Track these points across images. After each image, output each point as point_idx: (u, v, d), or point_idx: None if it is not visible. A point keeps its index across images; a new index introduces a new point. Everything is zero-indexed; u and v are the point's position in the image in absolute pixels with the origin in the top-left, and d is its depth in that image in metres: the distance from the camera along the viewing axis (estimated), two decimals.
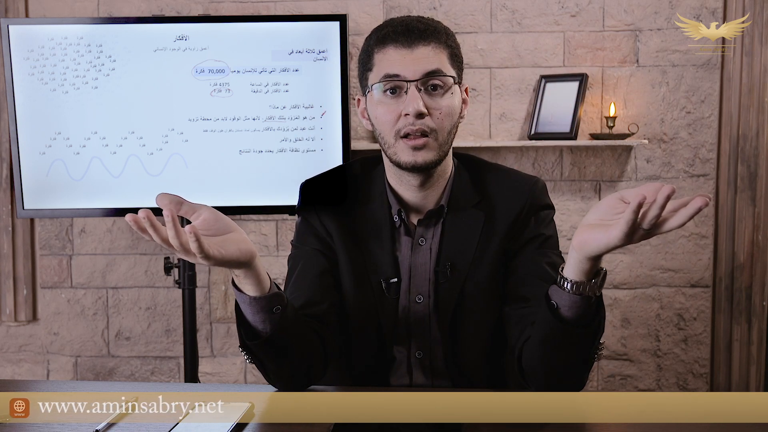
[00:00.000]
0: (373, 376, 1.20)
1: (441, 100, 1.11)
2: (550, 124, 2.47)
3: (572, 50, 2.51)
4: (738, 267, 2.52)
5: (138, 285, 2.65)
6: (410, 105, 1.09)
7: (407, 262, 1.18)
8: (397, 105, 1.11)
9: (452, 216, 1.18)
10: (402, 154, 1.13)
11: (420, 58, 1.10)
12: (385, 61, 1.12)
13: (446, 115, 1.12)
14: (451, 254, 1.16)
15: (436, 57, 1.11)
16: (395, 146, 1.13)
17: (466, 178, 1.21)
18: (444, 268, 1.16)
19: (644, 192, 0.82)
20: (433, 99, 1.11)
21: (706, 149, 2.52)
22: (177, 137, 2.22)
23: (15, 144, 2.21)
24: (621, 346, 2.59)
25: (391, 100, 1.12)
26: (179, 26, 2.20)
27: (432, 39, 1.11)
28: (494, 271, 1.16)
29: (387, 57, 1.12)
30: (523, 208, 1.17)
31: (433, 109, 1.11)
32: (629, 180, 2.54)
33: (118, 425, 0.94)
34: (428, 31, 1.12)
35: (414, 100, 1.09)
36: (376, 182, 1.22)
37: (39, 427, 0.93)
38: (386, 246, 1.18)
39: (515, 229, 1.17)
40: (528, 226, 1.17)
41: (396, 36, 1.11)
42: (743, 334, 2.53)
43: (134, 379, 2.68)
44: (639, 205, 0.81)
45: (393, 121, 1.12)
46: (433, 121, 1.11)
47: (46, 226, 2.63)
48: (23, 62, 2.19)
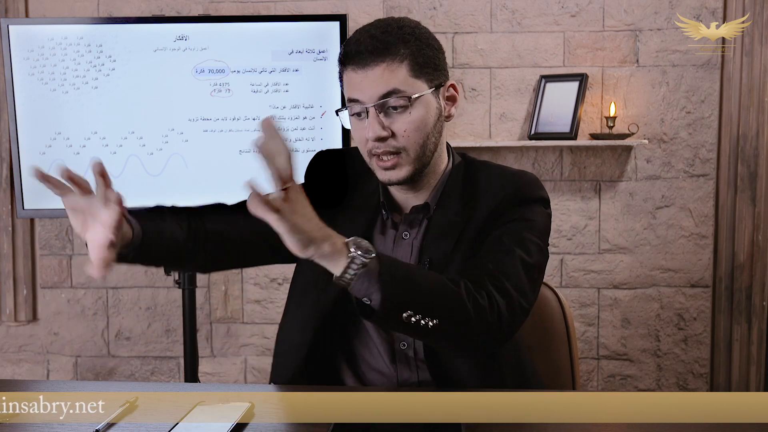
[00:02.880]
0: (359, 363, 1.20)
1: (403, 118, 1.09)
2: (550, 124, 2.47)
3: (572, 50, 2.51)
4: (738, 267, 2.52)
5: (138, 285, 2.65)
6: (369, 131, 1.09)
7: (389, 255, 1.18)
8: (363, 128, 1.11)
9: (439, 213, 1.17)
10: (377, 172, 1.14)
11: (374, 79, 1.08)
12: (347, 84, 1.12)
13: (413, 131, 1.10)
14: (431, 250, 1.15)
15: (391, 75, 1.07)
16: (371, 164, 1.14)
17: (460, 177, 1.20)
18: (423, 264, 1.15)
19: None
20: (394, 119, 1.09)
21: (706, 149, 2.52)
22: (177, 137, 2.22)
23: (15, 144, 2.21)
24: (621, 346, 2.59)
25: (358, 123, 1.12)
26: (179, 26, 2.20)
27: (385, 57, 1.07)
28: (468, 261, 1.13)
29: (348, 79, 1.11)
30: (503, 201, 1.13)
31: (397, 128, 1.09)
32: (629, 180, 2.54)
33: (118, 425, 0.94)
34: (379, 49, 1.07)
35: (372, 125, 1.08)
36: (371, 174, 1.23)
37: (39, 427, 0.93)
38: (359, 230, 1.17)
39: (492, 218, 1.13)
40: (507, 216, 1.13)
41: (352, 57, 1.09)
42: (743, 334, 2.53)
43: (134, 379, 2.68)
44: None
45: (363, 142, 1.12)
46: (399, 140, 1.10)
47: (46, 226, 2.63)
48: (23, 62, 2.19)
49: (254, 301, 2.63)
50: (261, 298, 2.63)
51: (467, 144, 2.46)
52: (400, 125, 1.09)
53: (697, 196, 2.53)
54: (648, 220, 2.55)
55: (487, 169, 1.21)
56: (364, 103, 1.09)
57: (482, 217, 1.14)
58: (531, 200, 1.15)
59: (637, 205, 2.55)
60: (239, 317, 2.63)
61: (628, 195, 2.55)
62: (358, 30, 1.12)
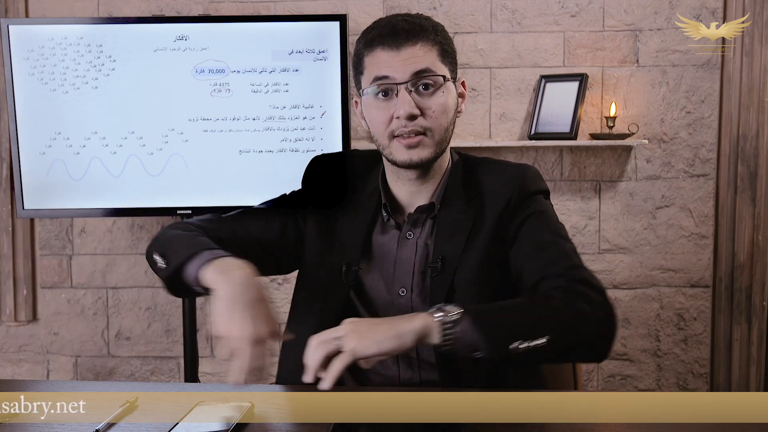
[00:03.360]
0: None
1: (433, 99, 1.11)
2: (550, 124, 2.47)
3: (572, 50, 2.51)
4: (738, 267, 2.52)
5: (138, 285, 2.65)
6: (401, 107, 1.09)
7: (392, 255, 1.18)
8: (389, 107, 1.11)
9: (444, 212, 1.18)
10: (397, 153, 1.13)
11: (408, 58, 1.10)
12: (374, 64, 1.12)
13: (440, 114, 1.12)
14: (442, 249, 1.16)
15: (424, 56, 1.11)
16: (390, 147, 1.14)
17: (460, 175, 1.21)
18: (435, 263, 1.15)
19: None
20: (424, 98, 1.11)
21: (706, 149, 2.52)
22: (177, 137, 2.22)
23: (15, 144, 2.21)
24: (621, 346, 2.59)
25: (382, 102, 1.12)
26: (179, 26, 2.20)
27: (419, 38, 1.11)
28: (484, 261, 1.14)
29: (375, 59, 1.12)
30: (512, 196, 1.15)
31: (426, 108, 1.11)
32: (629, 180, 2.54)
33: (118, 425, 0.93)
34: (414, 30, 1.11)
35: (404, 102, 1.09)
36: (373, 175, 1.24)
37: (39, 427, 0.93)
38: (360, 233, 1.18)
39: (506, 216, 1.15)
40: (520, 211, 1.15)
41: (382, 38, 1.11)
42: (743, 334, 2.53)
43: (134, 379, 2.68)
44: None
45: (386, 122, 1.12)
46: (427, 120, 1.11)
47: (46, 226, 2.63)
48: (23, 62, 2.19)
49: None
50: None
51: (467, 144, 2.46)
52: (429, 105, 1.11)
53: (697, 196, 2.53)
54: (648, 220, 2.55)
55: (487, 165, 1.22)
56: (395, 80, 1.10)
57: (492, 217, 1.15)
58: (538, 192, 1.19)
59: (637, 205, 2.55)
60: None
61: (628, 195, 2.55)
62: (382, 18, 1.16)
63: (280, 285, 2.61)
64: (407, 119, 1.10)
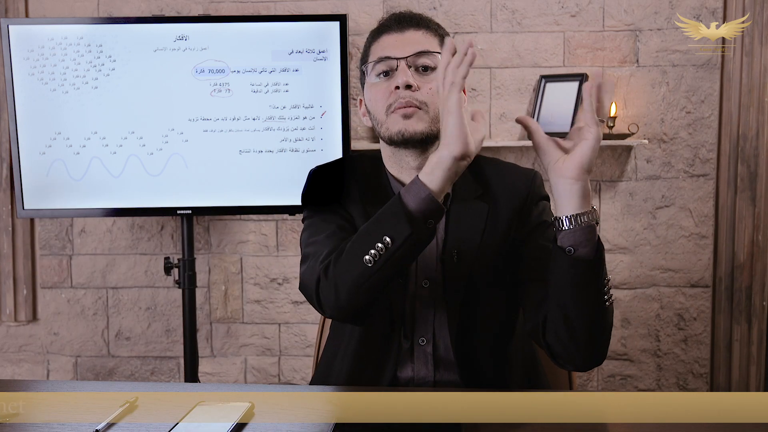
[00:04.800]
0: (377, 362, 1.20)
1: (430, 78, 1.15)
2: (550, 124, 2.46)
3: (572, 50, 2.51)
4: (738, 267, 2.52)
5: (138, 285, 2.65)
6: (399, 77, 1.14)
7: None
8: (389, 84, 1.16)
9: (456, 206, 1.20)
10: (392, 124, 1.15)
11: (410, 39, 1.17)
12: (380, 48, 1.19)
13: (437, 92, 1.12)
14: (458, 242, 1.18)
15: (426, 40, 1.17)
16: (387, 121, 1.16)
17: (466, 171, 1.21)
18: (450, 256, 1.17)
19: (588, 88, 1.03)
20: (423, 77, 1.16)
21: (706, 149, 2.52)
22: (177, 137, 2.22)
23: (15, 144, 2.21)
24: (621, 346, 2.59)
25: (383, 82, 1.17)
26: (179, 26, 2.20)
27: (423, 26, 1.18)
28: (499, 260, 1.18)
29: (383, 44, 1.19)
30: (525, 199, 1.21)
31: (423, 84, 1.15)
32: (629, 180, 2.54)
33: (118, 425, 0.93)
34: (421, 21, 1.19)
35: (403, 73, 1.14)
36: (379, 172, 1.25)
37: (39, 427, 0.93)
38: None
39: (519, 218, 1.20)
40: (531, 214, 1.21)
41: (389, 25, 1.19)
42: (743, 334, 2.53)
43: (134, 379, 2.68)
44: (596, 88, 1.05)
45: (385, 98, 1.16)
46: (423, 95, 1.14)
47: (46, 226, 2.63)
48: (23, 62, 2.19)
49: (254, 301, 2.63)
50: (261, 298, 2.63)
51: None
52: (426, 83, 1.15)
53: (697, 196, 2.53)
54: (648, 220, 2.55)
55: (494, 165, 1.26)
56: (396, 56, 1.16)
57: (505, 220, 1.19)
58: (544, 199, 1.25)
59: (637, 205, 2.55)
60: (239, 317, 2.63)
61: (628, 195, 2.55)
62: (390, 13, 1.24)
63: (280, 285, 2.61)
64: (405, 88, 1.13)
